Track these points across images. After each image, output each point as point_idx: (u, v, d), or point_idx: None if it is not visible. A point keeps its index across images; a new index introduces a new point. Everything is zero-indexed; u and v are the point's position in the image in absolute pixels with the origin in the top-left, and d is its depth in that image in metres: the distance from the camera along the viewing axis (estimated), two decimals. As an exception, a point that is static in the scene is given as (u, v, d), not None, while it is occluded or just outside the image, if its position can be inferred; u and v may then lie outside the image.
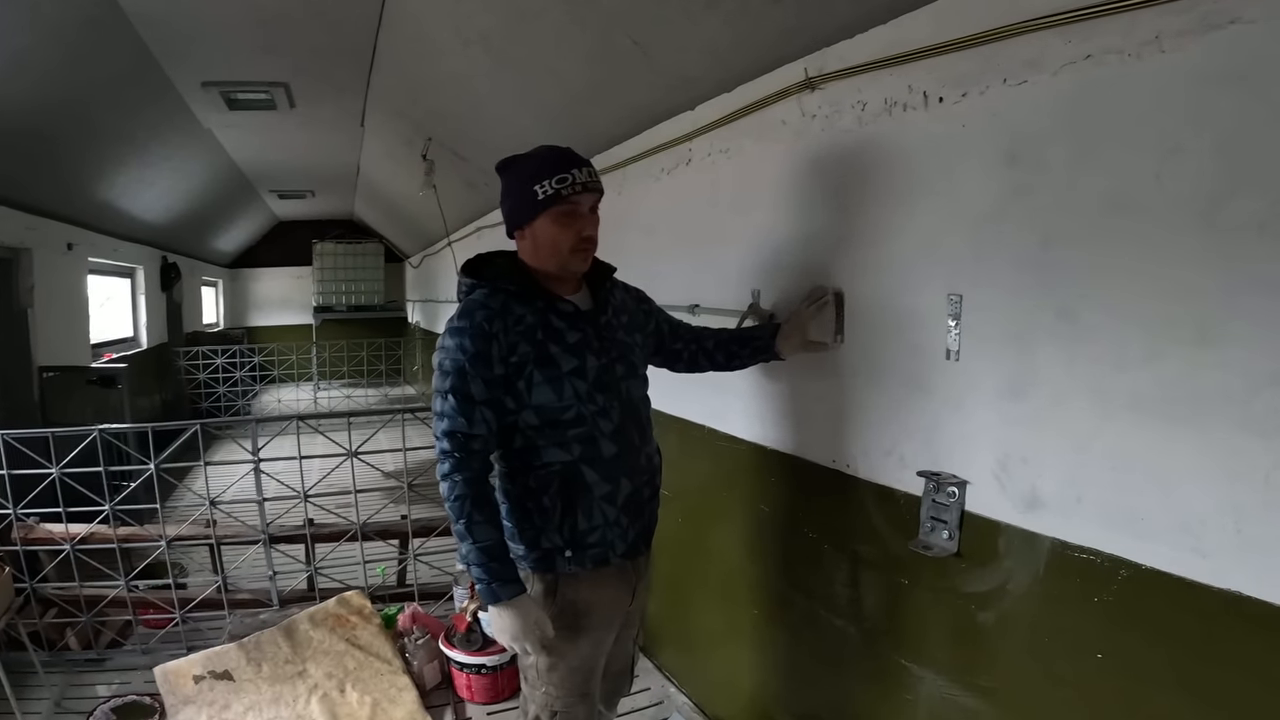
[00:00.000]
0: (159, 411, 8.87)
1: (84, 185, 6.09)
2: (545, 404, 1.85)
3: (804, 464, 2.30)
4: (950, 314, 1.74)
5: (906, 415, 1.90)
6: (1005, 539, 1.64)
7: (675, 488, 3.05)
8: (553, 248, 1.87)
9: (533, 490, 1.89)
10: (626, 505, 1.96)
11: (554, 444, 1.88)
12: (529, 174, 1.85)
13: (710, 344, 2.27)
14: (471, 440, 1.81)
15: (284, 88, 5.18)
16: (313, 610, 3.56)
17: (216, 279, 13.25)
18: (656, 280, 3.00)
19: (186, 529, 3.97)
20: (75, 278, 6.69)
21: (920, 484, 1.83)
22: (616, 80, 2.93)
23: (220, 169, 7.83)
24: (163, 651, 3.62)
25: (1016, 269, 1.59)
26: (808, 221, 2.23)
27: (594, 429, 1.89)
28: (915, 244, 1.85)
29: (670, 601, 3.31)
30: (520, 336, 1.83)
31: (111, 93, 4.76)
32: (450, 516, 1.81)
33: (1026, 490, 1.59)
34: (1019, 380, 1.60)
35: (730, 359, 2.28)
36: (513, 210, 1.91)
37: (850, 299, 2.06)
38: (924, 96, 1.78)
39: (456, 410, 1.80)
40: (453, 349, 1.81)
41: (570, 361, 1.87)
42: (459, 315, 1.84)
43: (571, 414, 1.87)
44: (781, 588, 2.50)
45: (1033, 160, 1.54)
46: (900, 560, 1.93)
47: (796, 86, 2.16)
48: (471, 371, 1.79)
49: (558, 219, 1.85)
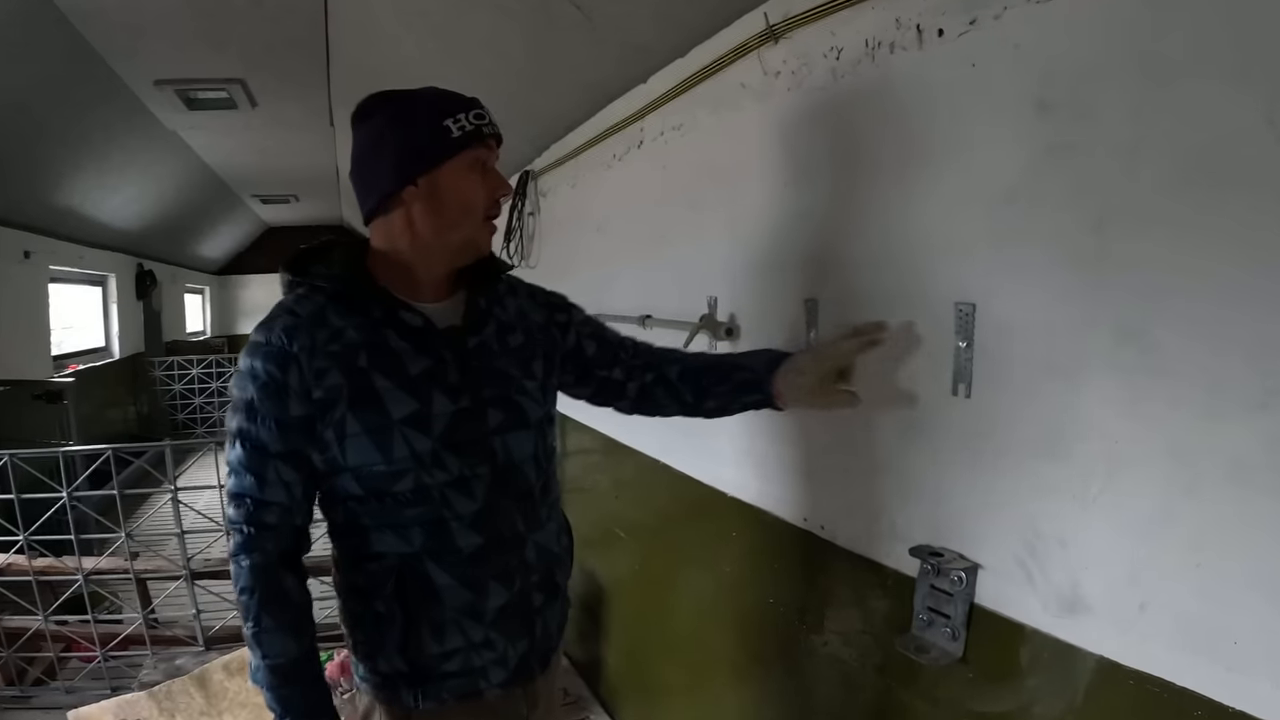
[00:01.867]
0: (133, 424, 8.84)
1: (37, 190, 5.91)
2: (365, 466, 1.28)
3: (769, 519, 1.85)
4: (958, 331, 1.25)
5: (899, 468, 1.42)
6: (1031, 648, 1.19)
7: (634, 525, 2.78)
8: (464, 207, 1.33)
9: (361, 590, 1.33)
10: (503, 620, 1.37)
11: (384, 525, 1.31)
12: (431, 107, 1.31)
13: (673, 372, 1.58)
14: (264, 510, 1.26)
15: (240, 84, 5.01)
16: (228, 658, 3.24)
17: (203, 286, 13.18)
18: (610, 287, 2.67)
19: (105, 562, 3.73)
20: (34, 287, 6.52)
21: (915, 563, 1.35)
22: (563, 54, 2.56)
23: (193, 173, 7.68)
24: (88, 691, 3.40)
25: (1054, 267, 1.12)
26: (773, 209, 1.78)
27: (442, 509, 1.31)
28: (910, 235, 1.37)
29: (630, 650, 2.97)
30: (330, 360, 1.26)
31: (53, 92, 4.59)
32: (242, 617, 1.27)
33: (1064, 586, 1.14)
34: (1058, 429, 1.13)
35: (701, 397, 1.56)
36: (406, 155, 1.30)
37: (826, 307, 1.60)
38: (917, 31, 1.31)
39: (244, 464, 1.25)
40: (242, 374, 1.27)
41: (405, 404, 1.28)
42: (257, 327, 1.30)
43: (408, 484, 1.29)
44: (742, 661, 2.07)
45: (1074, 106, 1.08)
46: (888, 656, 1.47)
47: (756, 39, 1.71)
48: (261, 409, 1.24)
49: (474, 166, 1.32)
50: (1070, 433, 1.11)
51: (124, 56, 4.34)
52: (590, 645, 3.33)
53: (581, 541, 3.34)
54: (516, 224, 3.74)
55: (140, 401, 9.14)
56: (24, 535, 3.20)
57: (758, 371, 1.50)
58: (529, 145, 3.55)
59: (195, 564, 3.46)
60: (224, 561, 3.37)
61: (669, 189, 2.27)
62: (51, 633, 3.47)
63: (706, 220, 2.06)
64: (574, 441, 3.38)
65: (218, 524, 3.28)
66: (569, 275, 3.21)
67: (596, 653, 3.24)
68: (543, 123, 3.21)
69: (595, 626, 3.23)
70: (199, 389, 10.09)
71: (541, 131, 3.32)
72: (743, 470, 1.96)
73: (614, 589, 3.05)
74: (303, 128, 6.15)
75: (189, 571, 3.43)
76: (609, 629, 3.11)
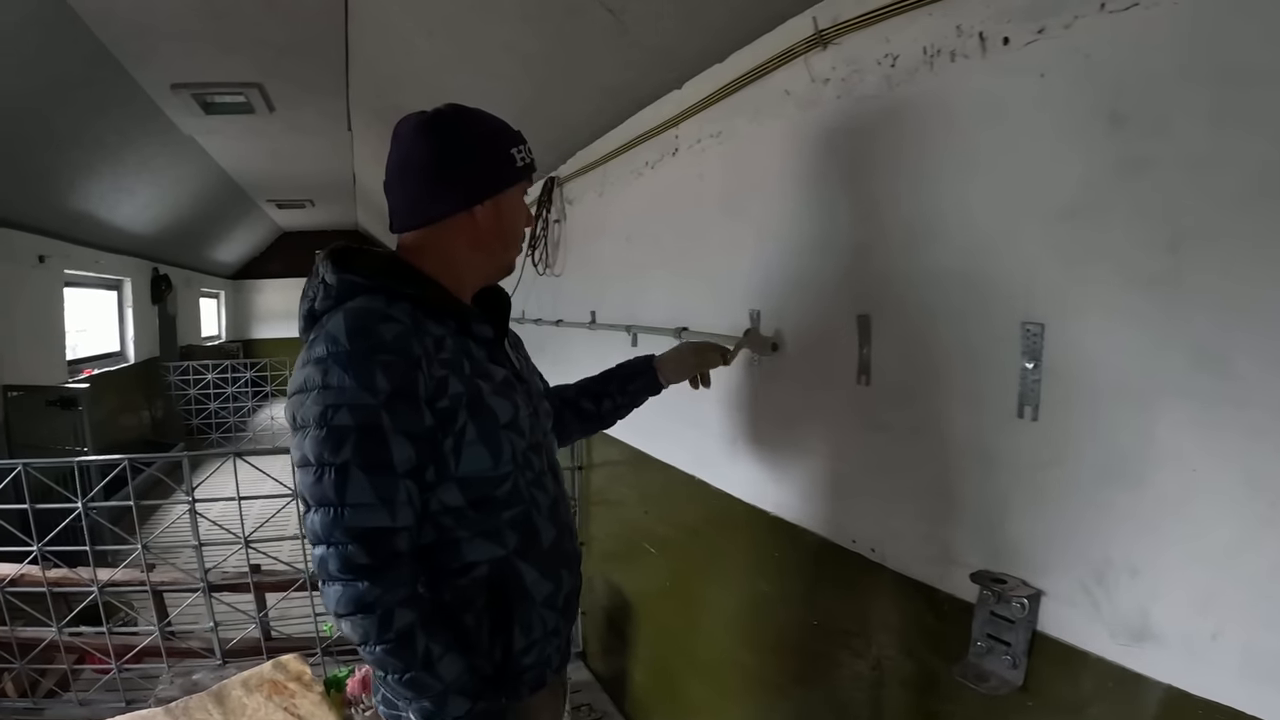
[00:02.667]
0: (147, 429, 8.87)
1: (52, 194, 5.93)
2: (477, 474, 1.29)
3: (815, 540, 1.81)
4: (1026, 352, 1.22)
5: (958, 492, 1.39)
6: (1095, 677, 1.17)
7: (664, 540, 2.73)
8: (517, 232, 1.46)
9: (446, 607, 1.31)
10: (566, 605, 1.46)
11: (480, 534, 1.31)
12: (498, 135, 1.40)
13: (571, 392, 1.82)
14: (397, 538, 1.21)
15: (258, 88, 5.01)
16: (247, 674, 3.21)
17: (218, 290, 13.33)
18: (642, 297, 2.63)
19: (120, 574, 3.66)
20: (48, 291, 6.58)
21: (974, 589, 1.32)
22: (591, 59, 2.53)
23: (209, 178, 7.75)
24: (101, 704, 3.36)
25: (1127, 287, 1.09)
26: (821, 220, 1.75)
27: (532, 506, 1.37)
28: (972, 250, 1.35)
29: (658, 667, 2.94)
30: (445, 368, 1.26)
31: (68, 95, 4.60)
32: (388, 670, 1.22)
33: (1133, 614, 1.11)
34: (1130, 455, 1.10)
35: (599, 399, 1.81)
36: (484, 176, 1.37)
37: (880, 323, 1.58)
38: (980, 40, 1.29)
39: (370, 492, 1.18)
40: (346, 390, 1.18)
41: (505, 409, 1.33)
42: (350, 333, 1.20)
43: (508, 487, 1.33)
44: (781, 683, 2.03)
45: (1149, 120, 1.06)
46: (941, 683, 1.44)
47: (803, 44, 1.69)
48: (391, 425, 1.19)
49: (522, 196, 1.46)
50: (1143, 459, 1.08)
51: (140, 60, 4.34)
52: (615, 660, 3.31)
53: (606, 555, 3.35)
54: (542, 232, 3.73)
55: (155, 406, 9.24)
56: (37, 546, 3.18)
57: (638, 363, 1.85)
58: (553, 152, 3.53)
59: (213, 576, 3.43)
60: (241, 574, 3.45)
61: (706, 198, 2.23)
62: (65, 644, 3.43)
63: (748, 231, 2.03)
64: (600, 454, 3.36)
65: (235, 535, 3.27)
66: (597, 284, 3.20)
67: (622, 667, 3.22)
68: (568, 129, 3.18)
69: (620, 641, 3.21)
70: (214, 394, 10.18)
71: (567, 138, 3.30)
72: (786, 488, 1.93)
73: (641, 604, 3.02)
74: (320, 132, 6.16)
75: (206, 584, 3.40)
76: (635, 644, 3.08)
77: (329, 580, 1.20)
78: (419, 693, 1.22)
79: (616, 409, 1.84)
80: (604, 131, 2.99)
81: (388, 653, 1.19)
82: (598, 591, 3.49)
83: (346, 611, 1.18)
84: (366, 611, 1.18)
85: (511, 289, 1.69)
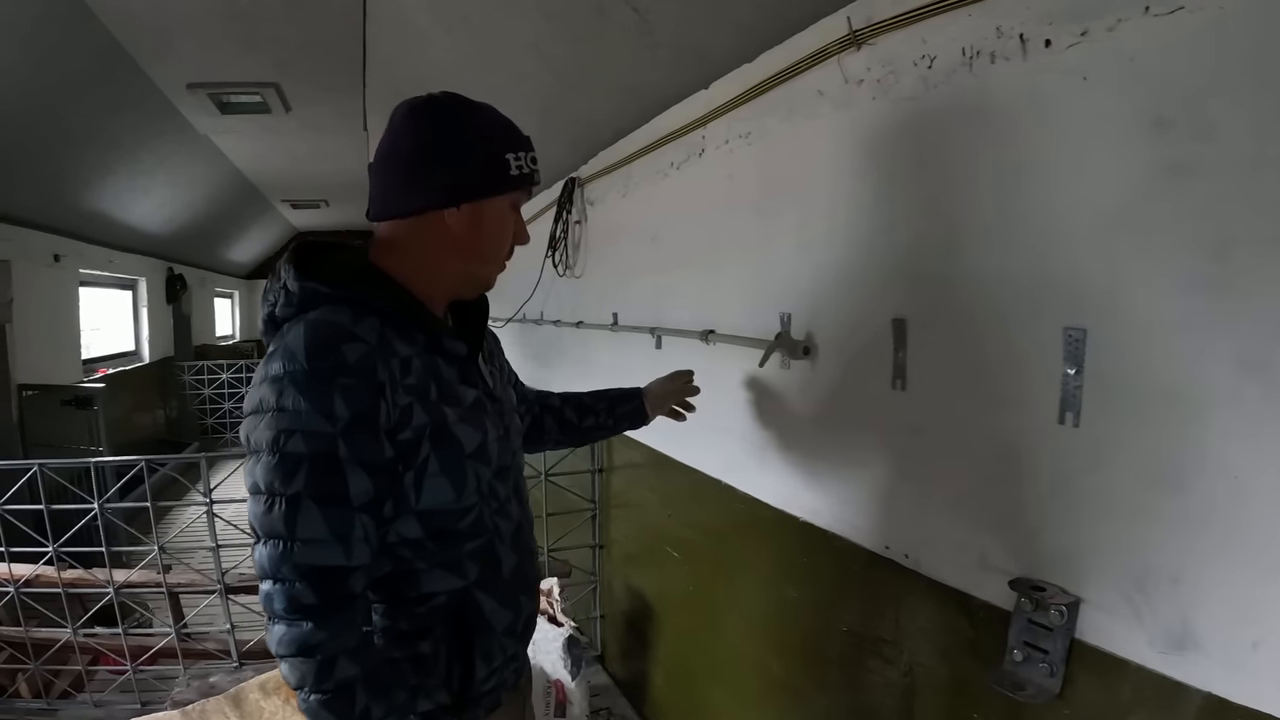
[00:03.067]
0: (161, 428, 8.92)
1: (67, 194, 5.99)
2: (437, 507, 1.23)
3: (845, 545, 1.81)
4: (1068, 357, 1.22)
5: (995, 498, 1.39)
6: (1134, 685, 1.16)
7: (687, 544, 2.72)
8: (495, 244, 1.33)
9: (404, 635, 1.28)
10: (524, 629, 1.44)
11: (439, 565, 1.27)
12: (496, 135, 1.29)
13: (557, 400, 1.82)
14: (351, 579, 1.13)
15: (274, 88, 5.08)
16: (264, 677, 3.17)
17: (232, 290, 13.42)
18: (668, 299, 2.63)
19: (136, 575, 3.68)
20: (64, 290, 6.64)
21: (1010, 595, 1.32)
22: (616, 59, 2.51)
23: (224, 177, 7.81)
24: (116, 704, 3.41)
25: (1174, 292, 1.09)
26: (855, 222, 1.74)
27: (494, 537, 1.33)
28: (1012, 254, 1.34)
29: (680, 671, 2.92)
30: (410, 395, 1.17)
31: (84, 94, 4.65)
32: (314, 709, 1.12)
33: (1174, 622, 1.11)
34: (1174, 462, 1.10)
35: (583, 414, 1.83)
36: (464, 176, 1.26)
37: (917, 327, 1.57)
38: (1021, 41, 1.28)
39: (323, 526, 1.09)
40: (302, 415, 1.08)
41: (471, 438, 1.26)
42: (310, 352, 1.10)
43: (470, 519, 1.28)
44: (809, 689, 2.02)
45: (1195, 125, 1.05)
46: (976, 692, 1.44)
47: (837, 44, 1.68)
48: (349, 455, 1.10)
49: (514, 207, 1.34)
50: (1187, 466, 1.08)
51: (156, 59, 4.39)
52: (634, 664, 3.31)
53: (626, 558, 3.35)
54: (561, 233, 3.72)
55: (169, 406, 9.33)
56: (53, 547, 3.20)
57: (629, 391, 1.89)
58: (573, 152, 3.52)
59: (230, 578, 3.43)
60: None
61: (735, 199, 2.22)
62: (80, 645, 3.46)
63: (778, 233, 2.02)
64: (622, 457, 3.36)
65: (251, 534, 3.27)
66: (620, 286, 3.19)
67: (641, 671, 3.22)
68: (590, 128, 3.17)
69: (640, 645, 3.21)
70: (228, 393, 10.25)
71: (588, 137, 3.29)
72: (817, 494, 1.93)
73: (662, 608, 3.01)
74: (336, 132, 6.19)
75: (223, 586, 3.41)
76: (655, 648, 3.08)
77: (273, 618, 1.12)
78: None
79: (597, 428, 1.87)
80: (627, 131, 2.98)
81: (322, 704, 1.11)
82: (617, 595, 3.48)
83: (287, 653, 1.11)
84: (307, 655, 1.10)
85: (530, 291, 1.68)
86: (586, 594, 3.66)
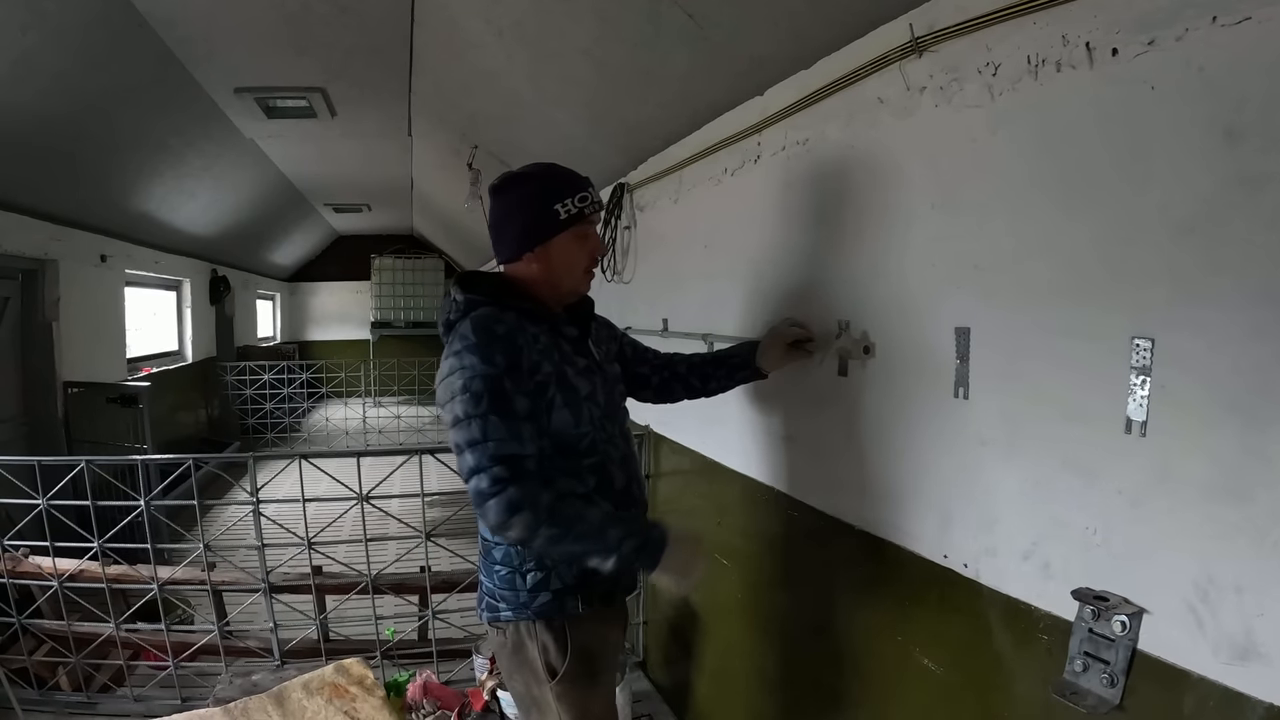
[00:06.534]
0: (203, 428, 9.07)
1: (115, 195, 6.13)
2: (562, 430, 1.80)
3: (904, 555, 1.81)
4: (1136, 368, 1.23)
5: (1058, 507, 1.40)
6: (1195, 696, 1.17)
7: (737, 551, 2.74)
8: (569, 267, 1.90)
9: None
10: None
11: (566, 474, 1.80)
12: (545, 192, 1.85)
13: (683, 368, 2.26)
14: (526, 461, 1.67)
15: (321, 93, 5.14)
16: (308, 677, 3.26)
17: (273, 292, 13.65)
18: (720, 306, 2.68)
19: (181, 572, 3.82)
20: (109, 290, 6.80)
21: (1072, 605, 1.33)
22: (670, 65, 2.56)
23: (269, 181, 7.92)
24: (156, 700, 3.48)
25: (1244, 304, 1.09)
26: (915, 230, 1.75)
27: (606, 458, 1.87)
28: (1077, 264, 1.35)
29: (723, 680, 2.98)
30: (541, 355, 1.78)
31: (133, 98, 4.74)
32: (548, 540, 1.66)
33: (1237, 632, 1.12)
34: (1240, 472, 1.11)
35: (706, 380, 2.24)
36: (525, 229, 1.87)
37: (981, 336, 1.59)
38: (1087, 50, 1.30)
39: (504, 430, 1.66)
40: (478, 366, 1.68)
41: (585, 386, 1.86)
42: (475, 331, 1.72)
43: (587, 441, 1.84)
44: (862, 699, 2.04)
45: (1268, 135, 1.06)
46: (1035, 702, 1.45)
47: (898, 51, 1.71)
48: (511, 386, 1.69)
49: (577, 238, 1.88)
50: (1252, 475, 1.09)
51: (204, 63, 4.47)
52: (678, 671, 3.34)
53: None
54: (610, 239, 3.76)
55: (211, 405, 9.55)
56: (98, 543, 3.27)
57: (742, 356, 2.19)
58: (624, 158, 3.56)
59: (274, 577, 3.51)
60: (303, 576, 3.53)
61: (791, 206, 2.24)
62: (121, 640, 3.53)
63: (835, 240, 2.04)
64: (670, 463, 3.39)
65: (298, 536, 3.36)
66: (670, 292, 3.24)
67: (685, 679, 3.25)
68: (641, 134, 3.20)
69: (684, 652, 3.23)
70: (270, 394, 10.43)
71: (639, 143, 3.32)
72: (875, 503, 1.93)
73: (710, 616, 3.03)
74: (381, 137, 6.29)
75: (268, 585, 3.48)
76: (701, 656, 3.10)
77: (484, 498, 1.63)
78: (598, 536, 1.67)
79: (720, 388, 2.26)
80: (679, 137, 3.01)
81: (549, 524, 1.63)
82: (660, 601, 3.52)
83: (504, 518, 1.62)
84: (518, 510, 1.62)
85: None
86: (630, 600, 3.66)
